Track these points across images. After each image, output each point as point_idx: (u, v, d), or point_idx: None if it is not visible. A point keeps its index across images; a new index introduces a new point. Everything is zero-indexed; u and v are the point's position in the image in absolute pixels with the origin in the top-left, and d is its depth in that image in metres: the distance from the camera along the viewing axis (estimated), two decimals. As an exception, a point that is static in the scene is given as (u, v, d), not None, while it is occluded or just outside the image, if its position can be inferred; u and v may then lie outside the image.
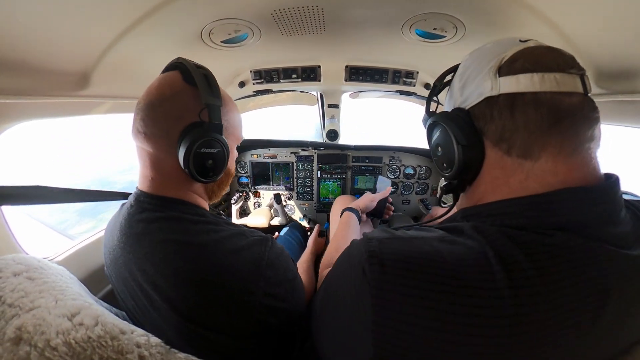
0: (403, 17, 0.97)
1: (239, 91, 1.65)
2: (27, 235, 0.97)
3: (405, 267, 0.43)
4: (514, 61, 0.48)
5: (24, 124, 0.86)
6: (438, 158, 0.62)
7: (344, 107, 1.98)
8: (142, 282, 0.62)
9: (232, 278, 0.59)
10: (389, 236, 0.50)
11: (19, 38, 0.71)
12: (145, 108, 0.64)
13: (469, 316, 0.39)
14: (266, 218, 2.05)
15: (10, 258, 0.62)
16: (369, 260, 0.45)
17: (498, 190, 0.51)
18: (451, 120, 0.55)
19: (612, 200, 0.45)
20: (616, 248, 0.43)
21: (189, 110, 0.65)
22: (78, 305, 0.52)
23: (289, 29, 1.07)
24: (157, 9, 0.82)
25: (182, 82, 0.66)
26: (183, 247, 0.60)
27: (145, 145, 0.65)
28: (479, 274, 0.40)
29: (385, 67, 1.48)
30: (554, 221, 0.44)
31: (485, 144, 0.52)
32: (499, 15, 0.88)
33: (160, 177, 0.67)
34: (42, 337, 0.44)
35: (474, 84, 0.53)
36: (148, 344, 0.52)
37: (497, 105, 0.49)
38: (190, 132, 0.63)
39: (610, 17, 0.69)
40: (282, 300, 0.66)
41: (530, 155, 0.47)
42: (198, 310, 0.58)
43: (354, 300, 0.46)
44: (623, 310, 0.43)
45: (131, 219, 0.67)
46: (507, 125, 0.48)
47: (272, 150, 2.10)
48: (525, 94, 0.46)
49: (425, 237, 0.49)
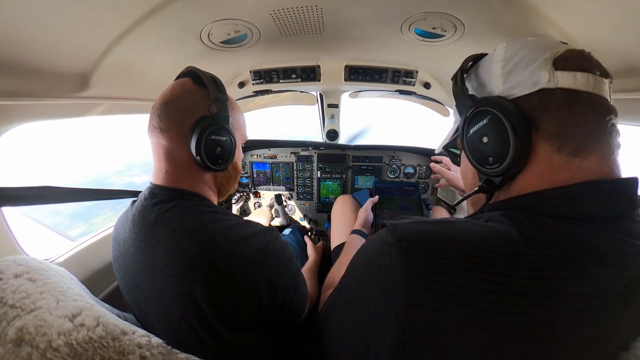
0: (402, 16, 0.97)
1: (238, 91, 1.66)
2: (28, 236, 0.97)
3: (434, 247, 0.43)
4: (568, 59, 0.48)
5: (24, 125, 0.86)
6: (480, 150, 0.55)
7: (343, 106, 1.98)
8: (152, 272, 0.64)
9: (237, 263, 0.62)
10: (412, 221, 0.49)
11: (19, 40, 0.71)
12: (161, 107, 0.72)
13: (493, 295, 0.39)
14: (266, 218, 2.05)
15: (11, 259, 0.62)
16: (397, 244, 0.45)
17: (538, 187, 0.49)
18: (499, 103, 0.51)
19: (632, 195, 0.46)
20: (635, 241, 0.44)
21: (199, 105, 0.72)
22: (79, 306, 0.52)
23: (288, 29, 1.07)
24: (157, 10, 0.82)
25: (192, 84, 0.75)
26: (192, 233, 0.63)
27: (161, 139, 0.71)
28: (507, 255, 0.41)
29: (385, 67, 1.48)
30: (581, 210, 0.45)
31: (534, 138, 0.49)
32: (499, 14, 0.88)
33: (174, 169, 0.73)
34: (44, 338, 0.44)
35: (526, 73, 0.50)
36: (149, 344, 0.52)
37: (554, 99, 0.47)
38: (200, 123, 0.70)
39: (608, 12, 0.69)
40: (285, 292, 0.69)
41: (581, 154, 0.46)
42: (202, 294, 0.60)
43: (381, 288, 0.45)
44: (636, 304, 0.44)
45: (145, 210, 0.70)
46: (565, 121, 0.46)
47: (272, 150, 2.10)
48: (580, 92, 0.46)
49: (450, 220, 0.49)
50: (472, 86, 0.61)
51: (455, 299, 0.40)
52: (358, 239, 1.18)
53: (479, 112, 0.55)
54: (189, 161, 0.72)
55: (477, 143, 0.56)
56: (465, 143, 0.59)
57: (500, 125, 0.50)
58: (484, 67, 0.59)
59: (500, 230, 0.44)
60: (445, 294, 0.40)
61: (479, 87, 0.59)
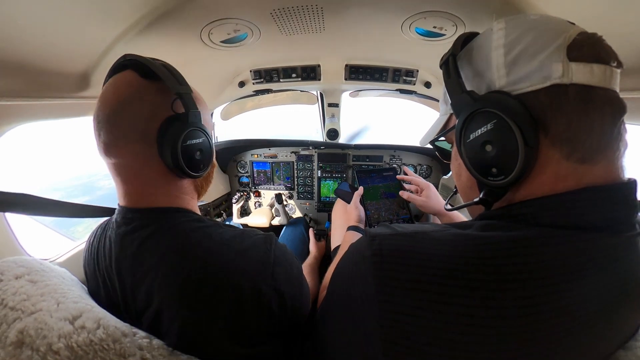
0: (403, 15, 0.97)
1: (238, 91, 1.65)
2: (28, 235, 0.96)
3: (406, 263, 0.42)
4: (582, 46, 0.40)
5: (24, 125, 0.86)
6: (485, 161, 0.47)
7: (344, 106, 1.97)
8: (145, 307, 0.57)
9: (241, 279, 0.56)
10: (391, 232, 0.47)
11: (19, 40, 0.71)
12: (109, 118, 0.58)
13: (467, 310, 0.38)
14: (267, 218, 2.05)
15: (11, 260, 0.62)
16: (372, 259, 0.44)
17: (537, 195, 0.44)
18: (505, 103, 0.43)
19: (630, 200, 0.43)
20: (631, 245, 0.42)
21: (159, 106, 0.60)
22: (80, 308, 0.52)
23: (288, 28, 1.07)
24: (157, 9, 0.82)
25: (140, 79, 0.61)
26: (186, 255, 0.56)
27: (120, 159, 0.60)
28: (483, 267, 0.39)
29: (385, 66, 1.48)
30: (577, 220, 0.41)
31: (541, 141, 0.42)
32: (499, 13, 0.87)
33: (145, 188, 0.62)
34: (44, 341, 0.44)
35: (535, 63, 0.42)
36: (150, 346, 0.52)
37: (567, 97, 0.40)
38: (169, 127, 0.59)
39: (613, 11, 0.68)
40: (292, 297, 0.64)
41: (590, 160, 0.41)
42: (211, 320, 0.55)
43: (361, 298, 0.45)
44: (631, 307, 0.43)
45: (123, 239, 0.61)
46: (577, 124, 0.40)
47: (272, 149, 2.09)
48: (596, 88, 0.40)
49: (427, 230, 0.46)
50: (465, 75, 0.52)
51: (427, 313, 0.39)
52: (354, 235, 1.16)
53: (481, 115, 0.46)
54: (162, 173, 0.62)
55: (478, 151, 0.47)
56: (463, 149, 0.51)
57: (508, 132, 0.43)
58: (480, 53, 0.50)
59: (481, 242, 0.41)
60: (418, 308, 0.39)
61: (475, 78, 0.50)
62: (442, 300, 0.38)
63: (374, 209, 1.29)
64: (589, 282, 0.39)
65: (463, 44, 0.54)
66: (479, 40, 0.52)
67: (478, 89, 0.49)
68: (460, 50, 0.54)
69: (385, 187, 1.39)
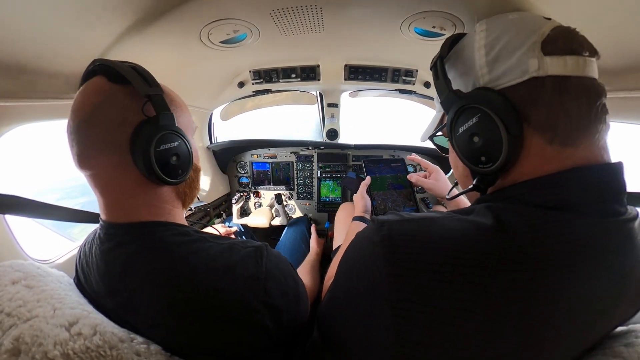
0: (402, 15, 0.96)
1: (238, 91, 1.65)
2: (28, 236, 0.96)
3: (416, 245, 0.44)
4: (556, 40, 0.44)
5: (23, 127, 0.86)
6: (473, 151, 0.53)
7: (343, 106, 1.97)
8: (135, 330, 0.55)
9: (230, 298, 0.54)
10: (399, 219, 0.49)
11: (19, 41, 0.70)
12: (79, 127, 0.56)
13: (477, 289, 0.40)
14: (267, 218, 2.05)
15: (8, 265, 0.61)
16: (381, 243, 0.45)
17: (527, 178, 0.48)
18: (488, 98, 0.48)
19: (618, 180, 0.45)
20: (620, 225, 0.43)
21: (129, 110, 0.57)
22: (76, 314, 0.51)
23: (287, 29, 1.06)
24: (156, 10, 0.81)
25: (108, 83, 0.58)
26: (173, 276, 0.54)
27: (96, 169, 0.58)
28: (484, 247, 0.41)
29: (385, 66, 1.47)
30: (566, 198, 0.44)
31: (525, 132, 0.47)
32: (498, 13, 0.87)
33: (124, 200, 0.60)
34: (40, 348, 0.43)
35: (513, 59, 0.46)
36: (148, 352, 0.51)
37: (544, 89, 0.44)
38: (140, 132, 0.56)
39: (612, 12, 0.68)
40: (287, 310, 0.61)
41: (572, 143, 0.45)
42: (201, 340, 0.54)
43: (371, 285, 0.46)
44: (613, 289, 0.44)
45: (106, 255, 0.59)
46: (555, 111, 0.44)
47: (272, 150, 2.09)
48: (570, 77, 0.43)
49: (434, 216, 0.48)
50: (453, 75, 0.57)
51: (439, 292, 0.40)
52: (360, 225, 1.16)
53: (467, 110, 0.52)
54: (139, 182, 0.59)
55: (467, 142, 0.53)
56: (455, 142, 0.56)
57: (491, 123, 0.48)
58: (465, 54, 0.54)
59: (481, 225, 0.43)
60: (429, 288, 0.41)
61: (462, 76, 0.55)
62: (449, 280, 0.40)
63: (381, 200, 1.26)
64: (582, 276, 0.41)
65: (450, 46, 0.59)
66: (464, 42, 0.56)
67: (465, 87, 0.54)
68: (448, 53, 0.59)
69: (393, 178, 1.37)
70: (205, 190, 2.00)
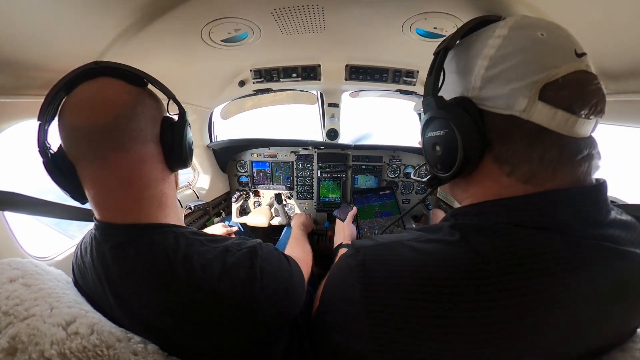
0: (403, 16, 0.96)
1: (239, 90, 1.64)
2: (27, 233, 0.95)
3: (384, 269, 0.48)
4: (565, 87, 0.41)
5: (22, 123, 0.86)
6: (433, 157, 0.56)
7: (344, 106, 1.96)
8: (132, 330, 0.57)
9: (228, 302, 0.56)
10: (373, 244, 0.53)
11: (20, 38, 0.70)
12: (119, 121, 0.57)
13: (448, 314, 0.42)
14: (266, 217, 2.04)
15: (6, 263, 0.61)
16: (357, 268, 0.50)
17: (489, 196, 0.50)
18: (461, 120, 0.48)
19: (598, 201, 0.46)
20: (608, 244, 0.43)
21: (154, 108, 0.66)
22: (74, 313, 0.51)
23: (289, 28, 1.06)
24: (158, 8, 0.81)
25: (130, 86, 0.62)
26: (171, 282, 0.55)
27: (125, 160, 0.59)
28: (451, 265, 0.44)
29: (386, 67, 1.47)
30: (541, 220, 0.44)
31: (485, 156, 0.48)
32: (499, 15, 0.86)
33: (130, 198, 0.61)
34: (36, 347, 0.43)
35: (505, 90, 0.44)
36: (145, 351, 0.51)
37: (520, 130, 0.44)
38: (173, 124, 0.66)
39: (615, 15, 0.67)
40: (283, 304, 0.64)
41: (533, 182, 0.45)
42: (199, 341, 0.56)
43: (350, 301, 0.50)
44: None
45: (103, 257, 0.60)
46: (520, 153, 0.44)
47: (272, 149, 2.08)
48: (551, 131, 0.42)
49: (404, 239, 0.51)
50: (450, 67, 0.54)
51: (410, 311, 0.44)
52: (345, 252, 1.22)
53: (440, 120, 0.52)
54: (159, 172, 0.65)
55: (430, 147, 0.56)
56: (422, 139, 0.60)
57: (454, 143, 0.49)
58: (471, 52, 0.50)
59: (448, 243, 0.46)
60: (401, 307, 0.44)
61: (457, 75, 0.53)
62: (413, 297, 0.44)
63: (367, 227, 1.38)
64: (546, 289, 0.42)
65: (463, 36, 0.55)
66: (477, 36, 0.51)
67: (455, 87, 0.53)
68: (457, 41, 0.55)
69: (380, 207, 1.48)
70: (205, 189, 1.99)
